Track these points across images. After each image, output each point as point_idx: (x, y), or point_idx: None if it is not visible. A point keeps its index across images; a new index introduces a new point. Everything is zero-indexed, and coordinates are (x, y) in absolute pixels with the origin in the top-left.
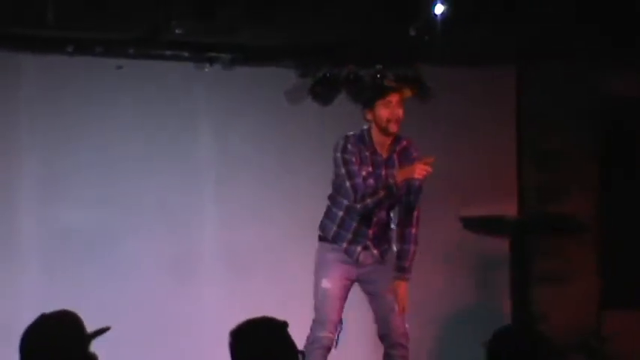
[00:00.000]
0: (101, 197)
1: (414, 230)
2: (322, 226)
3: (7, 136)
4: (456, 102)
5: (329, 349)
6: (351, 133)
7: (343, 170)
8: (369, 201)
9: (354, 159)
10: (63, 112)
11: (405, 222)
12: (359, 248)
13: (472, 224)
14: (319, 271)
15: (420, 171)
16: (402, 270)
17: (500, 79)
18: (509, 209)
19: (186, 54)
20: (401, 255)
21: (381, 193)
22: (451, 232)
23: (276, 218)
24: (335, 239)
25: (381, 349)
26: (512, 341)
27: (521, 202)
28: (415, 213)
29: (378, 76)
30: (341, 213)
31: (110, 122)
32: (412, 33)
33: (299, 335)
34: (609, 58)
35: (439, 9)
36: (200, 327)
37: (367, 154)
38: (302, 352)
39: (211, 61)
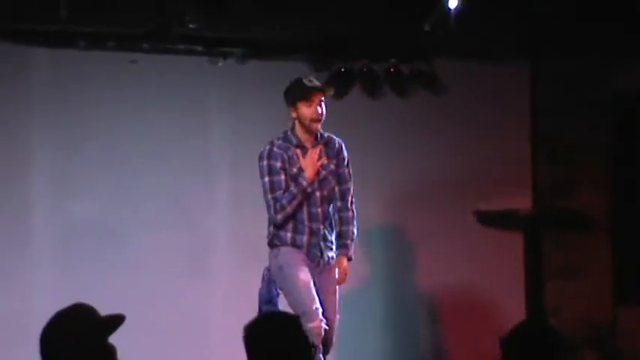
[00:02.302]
0: (113, 192)
1: (350, 214)
2: (274, 237)
3: (20, 132)
4: (470, 97)
5: (322, 336)
6: (276, 138)
7: (266, 179)
8: (288, 209)
9: (278, 164)
10: (75, 107)
11: (341, 207)
12: (318, 253)
13: (486, 218)
14: (291, 269)
15: (313, 164)
16: (344, 247)
17: (515, 74)
18: (523, 204)
19: (199, 48)
20: (342, 235)
21: (299, 196)
22: (465, 227)
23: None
24: (293, 244)
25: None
26: (528, 337)
27: (536, 196)
28: (349, 198)
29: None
30: (290, 220)
31: (122, 117)
32: (426, 28)
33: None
34: (623, 53)
35: (453, 4)
36: (212, 321)
37: (294, 151)
38: (315, 346)
39: (224, 55)
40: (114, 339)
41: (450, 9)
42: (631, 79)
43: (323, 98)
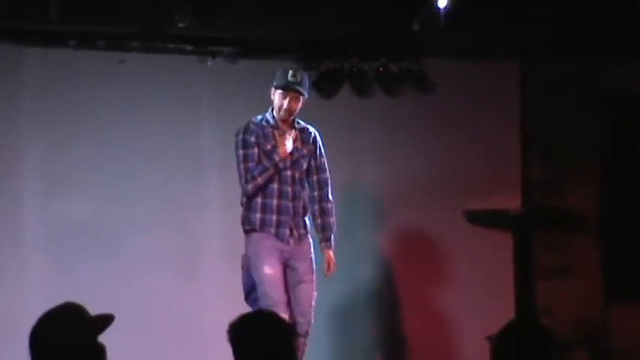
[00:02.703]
0: (104, 191)
1: (330, 205)
2: (245, 220)
3: (10, 130)
4: (460, 96)
5: None
6: (252, 119)
7: (240, 152)
8: (259, 180)
9: (253, 139)
10: (65, 106)
11: (322, 198)
12: (287, 231)
13: (476, 218)
14: (258, 261)
15: (283, 144)
16: (327, 240)
17: (504, 73)
18: (512, 203)
19: (189, 47)
20: (325, 227)
21: (271, 170)
22: (455, 226)
23: None
24: (262, 226)
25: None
26: (518, 336)
27: (525, 196)
28: (328, 188)
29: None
30: (259, 199)
31: (113, 116)
32: (416, 27)
33: None
34: (613, 53)
35: (442, 3)
36: (204, 320)
37: (270, 130)
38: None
39: (214, 54)
40: (105, 339)
41: (439, 8)
42: (621, 79)
43: (300, 98)
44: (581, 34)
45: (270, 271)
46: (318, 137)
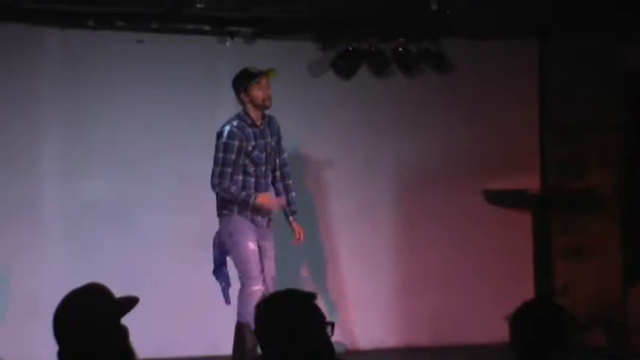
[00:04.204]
0: (123, 172)
1: (291, 182)
2: (223, 205)
3: (29, 111)
4: (478, 76)
5: (262, 297)
6: (232, 123)
7: (221, 155)
8: (227, 195)
9: (237, 143)
10: (84, 87)
11: (283, 176)
12: (259, 218)
13: (494, 198)
14: (241, 238)
15: (273, 205)
16: (293, 212)
17: (523, 52)
18: (531, 183)
19: (207, 28)
20: (290, 202)
21: (239, 198)
22: (474, 206)
23: (296, 190)
24: (240, 211)
25: None
26: (535, 315)
27: (544, 176)
28: (288, 167)
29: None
30: (241, 189)
31: (131, 96)
32: (434, 7)
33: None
34: (632, 32)
35: None
36: (220, 299)
37: (250, 130)
38: (331, 323)
39: (233, 35)
40: (124, 317)
41: None
42: None
43: (269, 80)
44: (600, 13)
45: (252, 246)
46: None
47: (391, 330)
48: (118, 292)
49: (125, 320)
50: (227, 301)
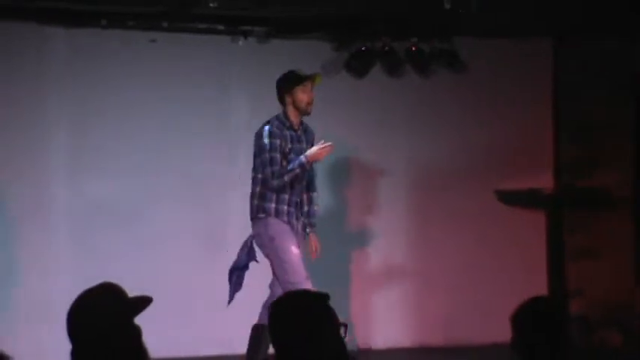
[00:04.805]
0: (131, 170)
1: (315, 194)
2: (260, 209)
3: (38, 109)
4: (492, 76)
5: None
6: (272, 124)
7: (267, 156)
8: (286, 178)
9: (278, 141)
10: (93, 85)
11: (311, 187)
12: (295, 221)
13: (508, 198)
14: (284, 241)
15: (323, 154)
16: (312, 225)
17: (537, 52)
18: (545, 183)
19: (220, 27)
20: (311, 214)
21: (297, 170)
22: (487, 206)
23: None
24: (277, 214)
25: None
26: (534, 315)
27: (558, 175)
28: (315, 180)
29: (413, 49)
30: (273, 192)
31: (141, 95)
32: (447, 6)
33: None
34: None
35: None
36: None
37: (288, 132)
38: (345, 324)
39: (245, 34)
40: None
41: None
42: None
43: (313, 85)
44: (613, 14)
45: (296, 250)
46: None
47: (405, 330)
48: (128, 292)
49: (138, 320)
50: (230, 301)
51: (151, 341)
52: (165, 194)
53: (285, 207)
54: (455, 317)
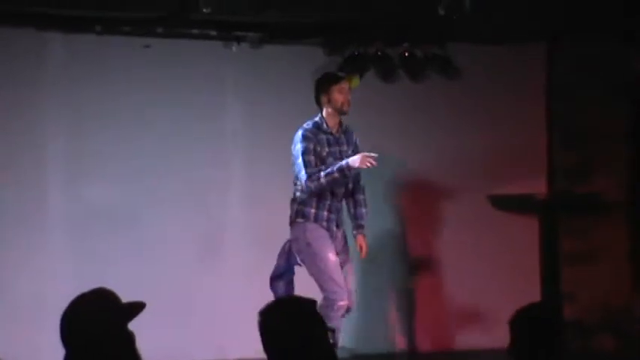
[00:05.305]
0: (127, 176)
1: (362, 196)
2: (299, 213)
3: (34, 115)
4: (485, 81)
5: (346, 311)
6: (307, 127)
7: (300, 160)
8: (323, 180)
9: (312, 145)
10: (89, 92)
11: (357, 190)
12: (334, 227)
13: (501, 203)
14: (321, 248)
15: (365, 162)
16: (361, 227)
17: (530, 57)
18: (538, 188)
19: (213, 33)
20: (358, 216)
21: (335, 174)
22: (480, 211)
23: None
24: (316, 219)
25: None
26: (531, 320)
27: (551, 180)
28: (361, 182)
29: (406, 54)
30: (314, 197)
31: (137, 101)
32: (441, 11)
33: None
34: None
35: None
36: (226, 303)
37: (324, 136)
38: (332, 329)
39: (239, 39)
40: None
41: None
42: None
43: (350, 86)
44: (608, 18)
45: (333, 257)
46: (356, 138)
47: (396, 334)
48: (124, 297)
49: (132, 325)
50: None
51: (144, 347)
52: (162, 200)
53: (325, 213)
54: (446, 322)
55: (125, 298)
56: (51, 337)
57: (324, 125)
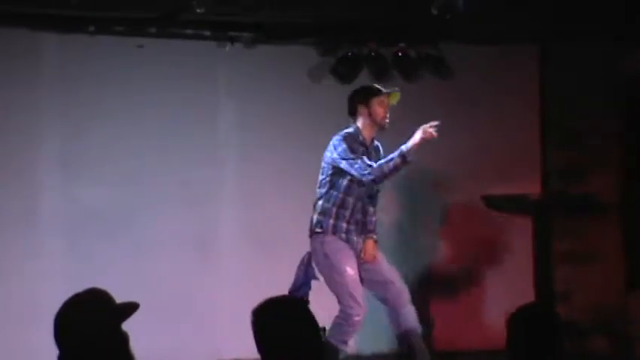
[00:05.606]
0: (121, 177)
1: (373, 209)
2: (318, 223)
3: (28, 115)
4: (479, 81)
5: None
6: (345, 133)
7: (343, 164)
8: (385, 168)
9: (353, 146)
10: (83, 91)
11: (371, 202)
12: (355, 237)
13: (495, 203)
14: (338, 261)
15: (428, 134)
16: (371, 232)
17: (524, 57)
18: (532, 188)
19: (207, 33)
20: (367, 223)
21: (397, 160)
22: (474, 212)
23: (296, 195)
24: (334, 231)
25: None
26: (527, 321)
27: (545, 181)
28: (377, 196)
29: (400, 54)
30: (334, 207)
31: (131, 101)
32: (434, 11)
33: (318, 311)
34: (634, 37)
35: None
36: (221, 303)
37: (359, 147)
38: (323, 329)
39: (232, 40)
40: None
41: None
42: None
43: (390, 101)
44: (601, 18)
45: (351, 272)
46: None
47: (391, 335)
48: (120, 298)
49: (126, 326)
50: None
51: (139, 348)
52: (156, 200)
53: (344, 224)
54: (441, 322)
55: (120, 299)
56: (45, 338)
57: (360, 136)
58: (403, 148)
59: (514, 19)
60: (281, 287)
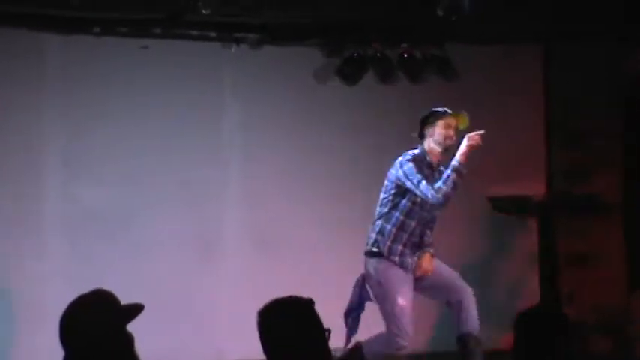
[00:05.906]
0: (124, 177)
1: (430, 232)
2: (375, 242)
3: (31, 116)
4: (484, 82)
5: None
6: (412, 154)
7: (408, 183)
8: (444, 188)
9: (419, 166)
10: (86, 92)
11: (430, 226)
12: (409, 259)
13: (500, 204)
14: (391, 290)
15: (472, 142)
16: (427, 245)
17: (528, 58)
18: (537, 189)
19: (212, 34)
20: (423, 243)
21: (453, 176)
22: (479, 212)
23: (300, 196)
24: (389, 253)
25: None
26: (534, 322)
27: (550, 182)
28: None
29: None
30: (394, 229)
31: (134, 102)
32: (439, 12)
33: (322, 312)
34: (636, 37)
35: None
36: (223, 304)
37: (427, 170)
38: (328, 330)
39: (238, 41)
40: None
41: None
42: None
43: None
44: (605, 19)
45: (403, 302)
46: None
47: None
48: (122, 298)
49: (130, 327)
50: (346, 344)
51: (143, 349)
52: (159, 201)
53: (400, 247)
54: (444, 323)
55: (123, 299)
56: (49, 339)
57: (427, 158)
58: (454, 163)
59: (518, 19)
60: (283, 287)
